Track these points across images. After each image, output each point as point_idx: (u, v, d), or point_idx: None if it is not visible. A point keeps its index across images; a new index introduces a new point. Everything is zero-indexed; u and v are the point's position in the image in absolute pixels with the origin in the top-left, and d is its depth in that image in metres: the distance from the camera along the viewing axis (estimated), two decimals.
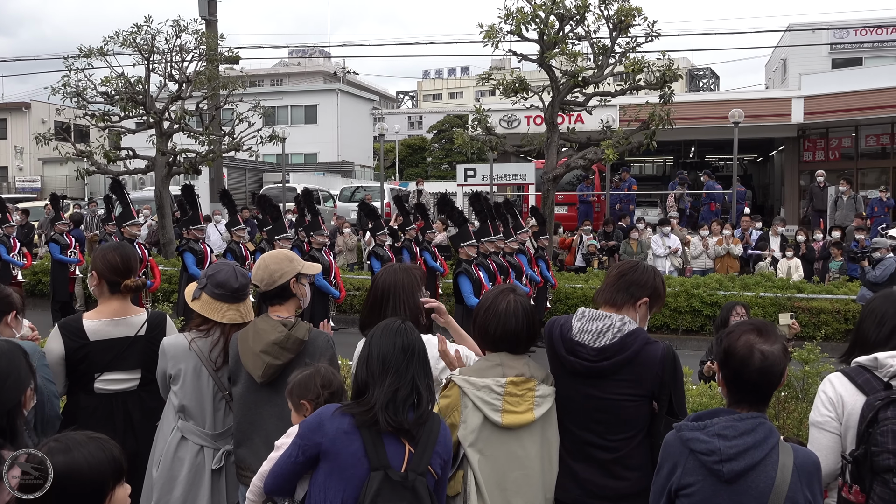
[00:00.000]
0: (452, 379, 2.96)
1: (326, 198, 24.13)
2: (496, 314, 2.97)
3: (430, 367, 2.73)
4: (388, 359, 2.59)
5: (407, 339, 2.64)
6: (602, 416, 2.92)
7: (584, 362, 2.90)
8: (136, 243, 9.78)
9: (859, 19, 32.11)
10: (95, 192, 29.96)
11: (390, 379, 2.55)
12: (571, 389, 2.98)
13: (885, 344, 2.91)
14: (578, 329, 2.94)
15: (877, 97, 20.68)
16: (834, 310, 11.10)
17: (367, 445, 2.50)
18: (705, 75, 53.64)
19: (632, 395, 2.89)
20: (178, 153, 15.82)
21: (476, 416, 2.88)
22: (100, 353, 3.46)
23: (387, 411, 2.51)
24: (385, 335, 2.65)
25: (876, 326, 2.97)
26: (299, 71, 61.51)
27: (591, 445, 2.94)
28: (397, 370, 2.57)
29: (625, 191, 19.73)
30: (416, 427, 2.56)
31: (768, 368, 2.32)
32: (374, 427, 2.51)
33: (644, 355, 2.87)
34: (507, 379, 2.89)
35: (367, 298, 3.41)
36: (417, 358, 2.64)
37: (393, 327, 2.68)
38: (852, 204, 16.71)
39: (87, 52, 15.14)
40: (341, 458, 2.51)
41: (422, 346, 2.68)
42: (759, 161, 31.53)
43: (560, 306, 11.96)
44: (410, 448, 2.55)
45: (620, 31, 14.07)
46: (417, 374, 2.61)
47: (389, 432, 2.52)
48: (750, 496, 2.23)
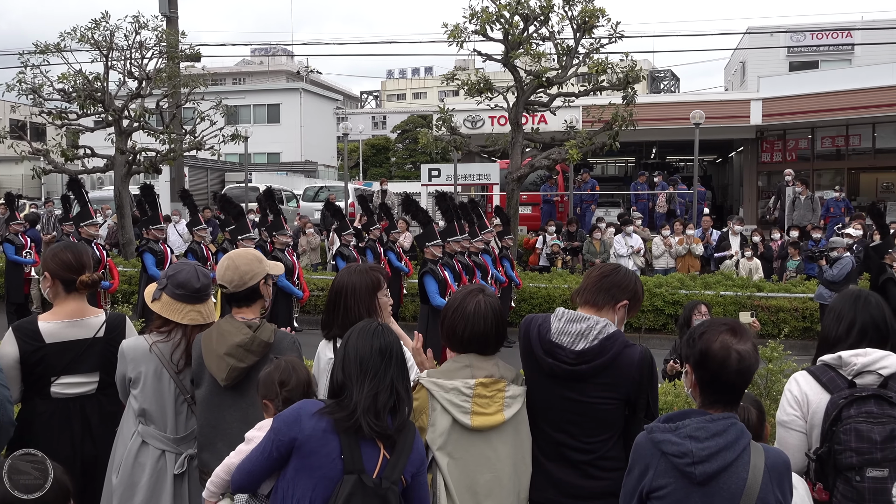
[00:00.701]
0: (420, 381, 2.92)
1: (289, 197, 23.94)
2: (465, 315, 2.94)
3: (408, 371, 2.68)
4: (365, 361, 2.54)
5: (384, 340, 2.59)
6: (578, 419, 2.90)
7: (562, 365, 2.88)
8: (93, 244, 9.59)
9: (815, 23, 32.86)
10: (52, 191, 29.37)
11: (370, 383, 2.50)
12: (547, 391, 2.95)
13: (844, 340, 2.95)
14: (557, 330, 2.91)
15: (832, 100, 21.13)
16: (792, 308, 11.31)
17: (345, 448, 2.46)
18: (666, 77, 54.26)
19: (609, 398, 2.88)
20: (138, 152, 15.56)
21: (445, 418, 2.84)
22: (56, 356, 3.36)
23: (368, 416, 2.47)
24: (361, 337, 2.60)
25: (835, 323, 3.02)
26: (262, 70, 61.00)
27: (566, 447, 2.93)
28: (376, 373, 2.52)
29: (587, 191, 19.89)
30: (397, 433, 2.52)
31: (746, 369, 2.32)
32: (353, 431, 2.47)
33: (622, 359, 2.86)
34: (477, 381, 2.86)
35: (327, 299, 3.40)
36: (396, 361, 2.58)
37: (369, 329, 2.62)
38: (809, 204, 17.04)
39: (44, 48, 14.82)
40: (315, 457, 2.46)
41: (399, 348, 2.63)
42: (719, 162, 32.02)
43: (524, 306, 12.02)
44: (386, 454, 2.51)
45: (584, 32, 14.15)
46: (396, 378, 2.56)
47: (368, 436, 2.48)
48: (722, 497, 2.23)
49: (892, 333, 2.97)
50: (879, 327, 2.95)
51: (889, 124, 21.82)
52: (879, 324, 2.96)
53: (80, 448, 3.39)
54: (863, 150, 22.93)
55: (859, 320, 2.96)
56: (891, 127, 21.93)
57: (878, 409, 2.73)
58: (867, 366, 2.80)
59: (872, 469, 2.70)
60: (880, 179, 23.41)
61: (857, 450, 2.71)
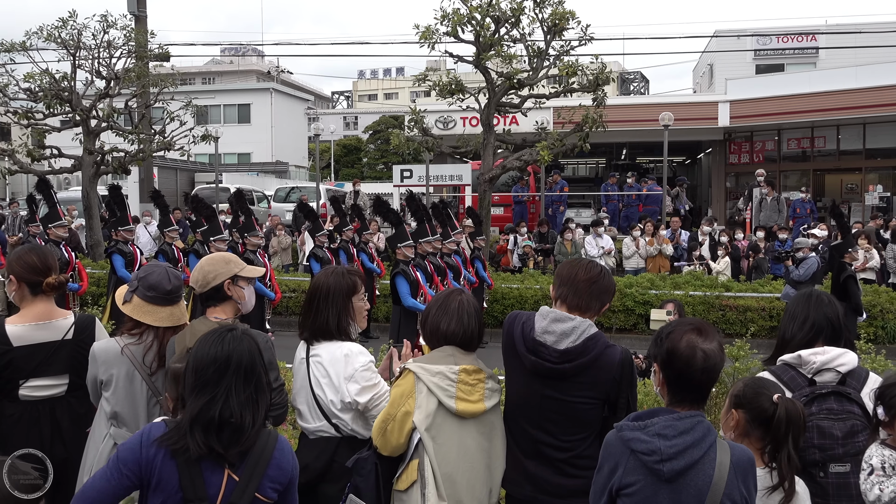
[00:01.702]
0: (406, 367, 2.99)
1: (260, 198, 23.78)
2: (448, 312, 3.04)
3: (261, 381, 2.38)
4: (199, 371, 2.30)
5: (223, 349, 2.32)
6: (557, 417, 2.95)
7: (545, 363, 2.92)
8: (61, 245, 9.46)
9: (781, 27, 33.34)
10: (17, 192, 28.86)
11: (201, 396, 2.27)
12: (528, 388, 3.01)
13: (800, 338, 3.03)
14: (541, 329, 2.96)
15: (797, 102, 21.49)
16: (760, 307, 11.48)
17: (182, 474, 2.25)
18: (636, 79, 54.78)
19: (589, 398, 2.93)
20: (106, 152, 15.38)
21: (431, 400, 2.90)
22: (24, 359, 3.34)
23: (195, 435, 2.24)
24: (203, 345, 2.35)
25: (790, 322, 3.10)
26: (232, 69, 60.51)
27: (544, 444, 2.98)
28: (206, 385, 2.28)
29: (557, 192, 20.01)
30: (232, 451, 2.27)
31: (711, 367, 2.37)
32: (187, 452, 2.25)
33: (604, 359, 2.91)
34: (461, 367, 2.95)
35: (306, 299, 3.42)
36: (234, 370, 2.30)
37: (211, 337, 2.37)
38: (776, 205, 17.30)
39: (9, 46, 14.63)
40: (160, 486, 2.27)
41: (246, 358, 2.34)
42: (688, 163, 32.36)
43: (497, 306, 12.06)
44: (233, 475, 2.28)
45: (555, 34, 14.26)
46: (234, 390, 2.29)
47: (208, 458, 2.26)
48: (689, 494, 2.27)
49: (844, 330, 3.07)
50: (833, 324, 3.04)
51: (853, 126, 22.22)
52: (833, 321, 3.04)
53: (49, 450, 3.35)
54: (828, 151, 23.33)
55: (812, 318, 3.04)
56: (855, 129, 22.34)
57: (838, 405, 2.80)
58: (826, 364, 2.88)
59: (835, 465, 2.77)
60: (844, 180, 23.82)
61: (819, 446, 2.78)
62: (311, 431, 3.29)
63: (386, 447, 2.91)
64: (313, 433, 3.27)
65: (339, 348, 3.25)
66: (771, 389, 2.67)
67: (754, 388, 2.68)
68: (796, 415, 2.59)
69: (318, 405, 3.22)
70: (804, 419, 2.63)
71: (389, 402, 2.98)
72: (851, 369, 2.89)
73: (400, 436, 2.89)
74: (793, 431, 2.59)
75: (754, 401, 2.64)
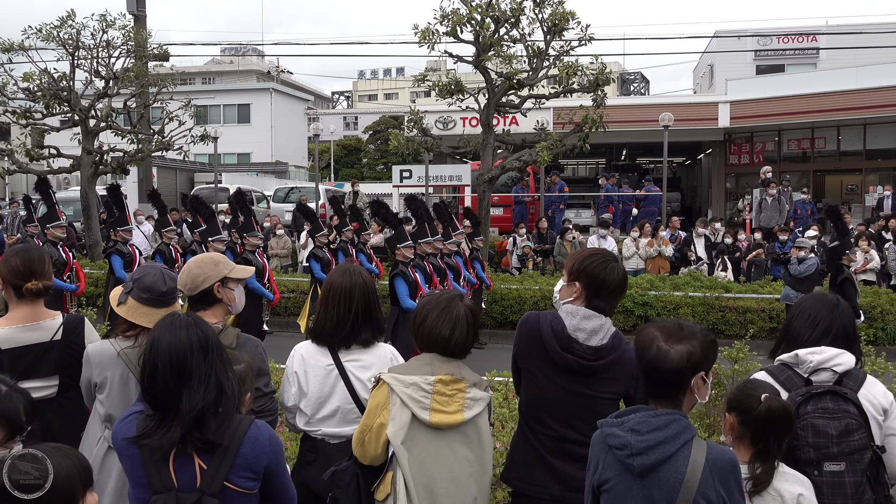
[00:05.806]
0: (381, 377, 2.92)
1: (260, 199, 23.77)
2: (450, 320, 2.95)
3: (223, 366, 2.38)
4: (158, 360, 2.32)
5: (180, 334, 2.35)
6: (585, 413, 2.99)
7: (580, 360, 2.98)
8: (59, 246, 9.42)
9: (782, 27, 33.33)
10: (17, 191, 28.86)
11: (158, 384, 2.29)
12: (554, 386, 3.05)
13: (816, 345, 3.00)
14: (573, 326, 3.01)
15: (798, 103, 21.49)
16: (759, 308, 11.46)
17: (147, 464, 2.28)
18: (636, 80, 54.74)
19: (612, 393, 3.04)
20: (105, 152, 15.37)
21: (404, 413, 2.83)
22: (12, 362, 3.32)
23: (148, 424, 2.29)
24: (160, 329, 2.39)
25: (809, 327, 3.04)
26: (232, 69, 60.55)
27: (571, 441, 3.02)
28: (163, 373, 2.30)
29: (557, 193, 20.01)
30: (196, 439, 2.27)
31: (666, 366, 2.38)
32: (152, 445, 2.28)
33: (627, 356, 3.01)
34: (436, 377, 2.86)
35: (326, 303, 3.32)
36: (201, 354, 2.32)
37: (170, 322, 2.40)
38: (776, 205, 17.27)
39: (8, 46, 14.62)
40: (131, 477, 2.33)
41: (201, 343, 2.36)
42: (688, 164, 32.37)
43: (496, 307, 12.04)
44: (202, 463, 2.29)
45: (554, 34, 14.25)
46: (189, 376, 2.29)
47: (179, 448, 2.28)
48: (661, 490, 2.28)
49: (856, 341, 3.08)
50: (849, 335, 3.04)
51: (853, 127, 22.22)
52: (849, 331, 3.05)
53: None
54: (828, 152, 23.34)
55: (834, 328, 3.02)
56: (855, 130, 22.34)
57: (833, 404, 2.79)
58: (822, 363, 2.88)
59: (829, 463, 2.76)
60: (845, 181, 23.83)
61: (814, 445, 2.77)
62: (339, 436, 3.27)
63: (365, 457, 2.89)
64: (340, 437, 3.26)
65: (382, 350, 3.32)
66: (760, 391, 2.68)
67: (745, 391, 2.71)
68: (781, 412, 2.61)
69: (363, 409, 3.18)
70: (792, 418, 2.65)
71: (366, 412, 2.93)
72: (848, 370, 2.88)
73: (377, 447, 2.85)
74: (776, 428, 2.61)
75: (744, 402, 2.67)
